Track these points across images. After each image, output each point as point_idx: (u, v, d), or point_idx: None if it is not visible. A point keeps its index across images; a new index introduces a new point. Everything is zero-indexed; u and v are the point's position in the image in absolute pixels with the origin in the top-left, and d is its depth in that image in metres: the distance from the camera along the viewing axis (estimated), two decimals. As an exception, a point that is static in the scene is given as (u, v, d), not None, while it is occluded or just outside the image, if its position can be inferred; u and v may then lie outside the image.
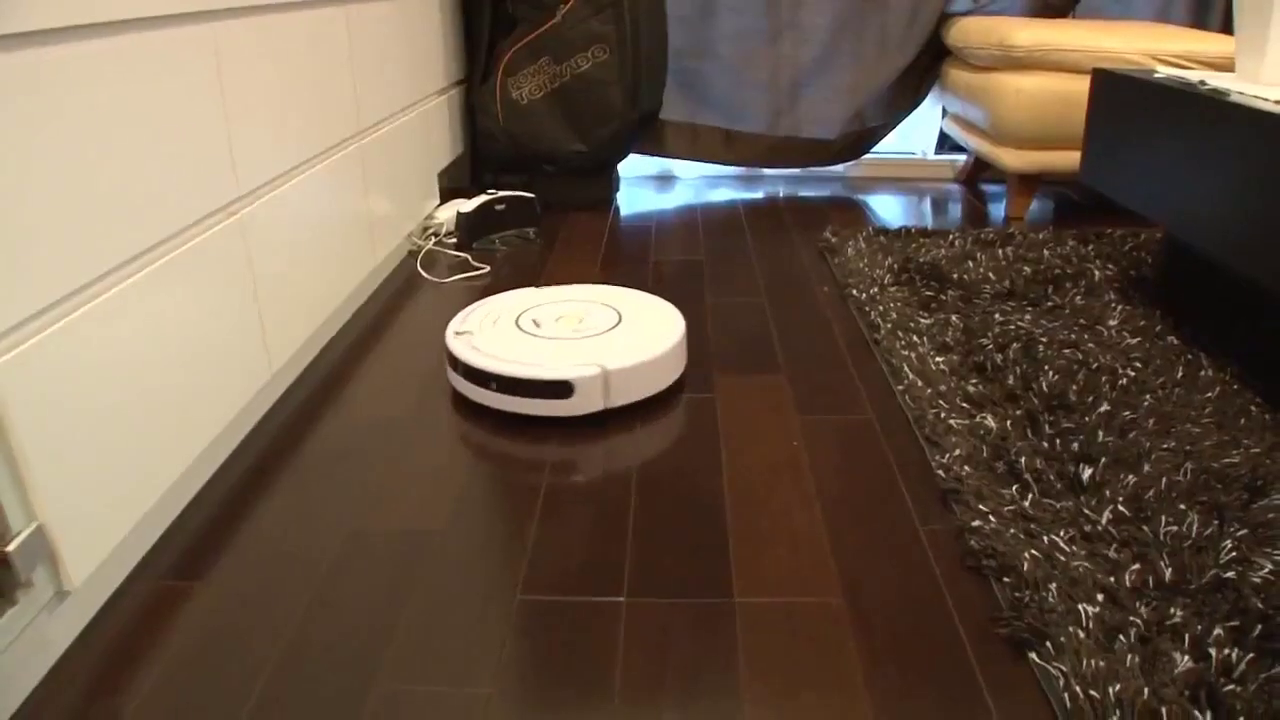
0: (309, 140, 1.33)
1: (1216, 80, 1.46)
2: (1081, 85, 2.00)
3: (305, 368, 1.38)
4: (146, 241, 0.92)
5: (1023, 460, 1.07)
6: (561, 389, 1.19)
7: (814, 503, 1.04)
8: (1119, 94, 1.57)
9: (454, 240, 1.97)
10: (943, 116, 2.57)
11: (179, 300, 0.97)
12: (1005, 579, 0.89)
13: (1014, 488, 1.03)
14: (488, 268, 1.82)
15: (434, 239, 1.97)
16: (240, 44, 1.12)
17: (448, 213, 2.01)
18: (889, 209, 2.30)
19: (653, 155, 2.54)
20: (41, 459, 0.76)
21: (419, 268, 1.82)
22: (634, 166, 2.64)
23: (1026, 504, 1.00)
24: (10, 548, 0.74)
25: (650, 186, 2.54)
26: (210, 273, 1.04)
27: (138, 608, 0.88)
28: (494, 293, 1.64)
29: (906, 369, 1.32)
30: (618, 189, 2.45)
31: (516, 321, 1.34)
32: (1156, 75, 1.55)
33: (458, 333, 1.30)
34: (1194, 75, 1.56)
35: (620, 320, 1.34)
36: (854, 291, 1.64)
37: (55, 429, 0.78)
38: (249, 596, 0.90)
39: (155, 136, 0.93)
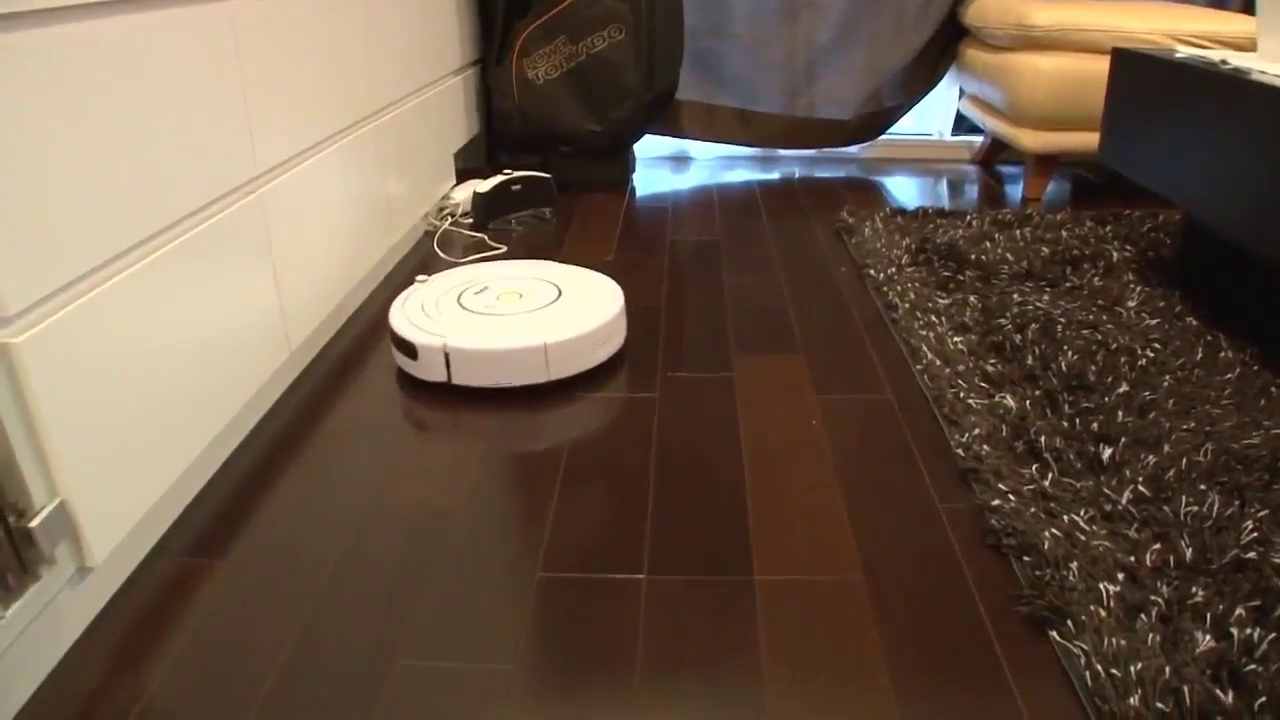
0: (326, 119, 1.33)
1: (1238, 60, 1.44)
2: (1100, 65, 1.98)
3: (323, 346, 1.38)
4: (167, 219, 0.92)
5: (1042, 439, 1.07)
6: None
7: (833, 481, 1.04)
8: (1139, 74, 1.55)
9: (470, 220, 1.96)
10: (960, 97, 2.55)
11: (199, 278, 0.97)
12: (1025, 557, 0.89)
13: (1034, 467, 1.02)
14: (504, 248, 1.81)
15: (450, 219, 1.97)
16: (256, 22, 1.11)
17: (464, 193, 2.00)
18: (905, 190, 2.28)
19: (668, 135, 2.52)
20: (64, 435, 0.76)
21: (435, 247, 1.82)
22: (650, 147, 2.63)
23: (1046, 483, 0.99)
24: (34, 523, 0.74)
25: (666, 167, 2.52)
26: (230, 250, 1.04)
27: (158, 584, 0.89)
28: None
29: (925, 349, 1.32)
30: (634, 169, 2.44)
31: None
32: (1177, 55, 1.53)
33: (418, 279, 1.33)
34: (1215, 55, 1.54)
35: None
36: (871, 271, 1.63)
37: (77, 405, 0.78)
38: (269, 573, 0.90)
39: (175, 114, 0.93)
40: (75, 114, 0.78)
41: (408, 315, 1.28)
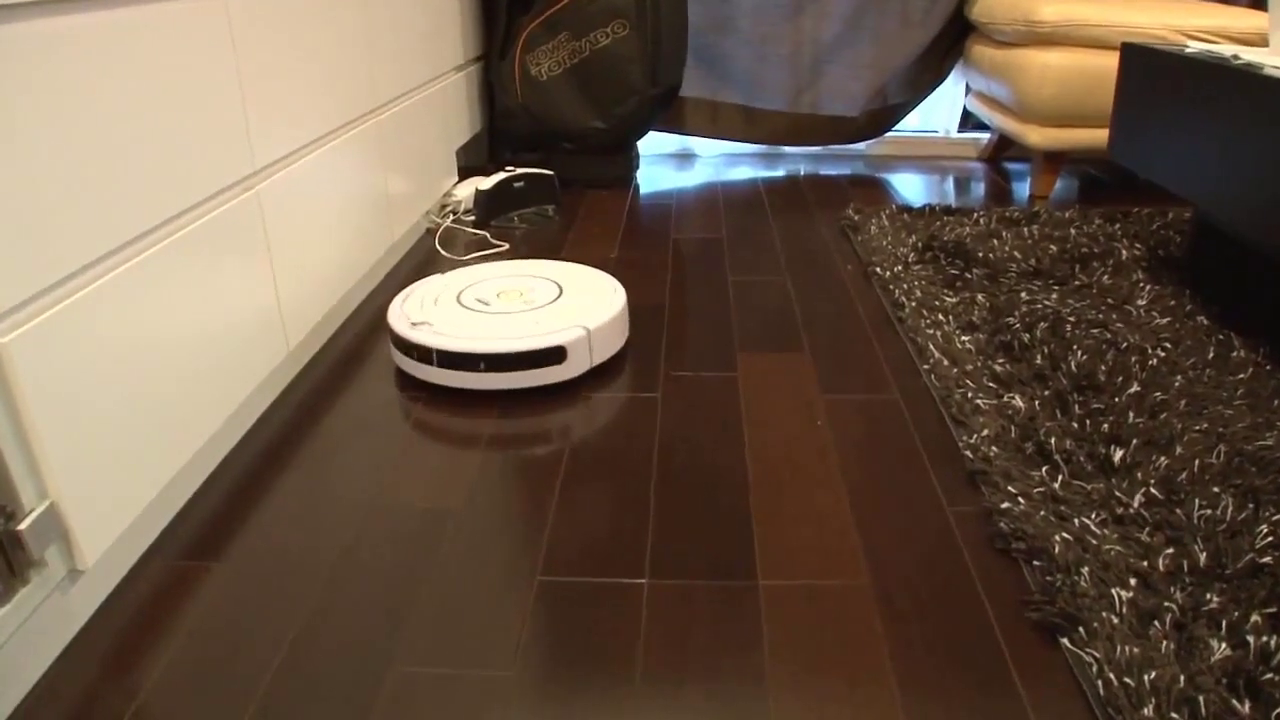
0: (326, 115, 1.31)
1: (1249, 55, 1.42)
2: (1108, 61, 1.95)
3: (322, 345, 1.36)
4: (161, 215, 0.90)
5: (1052, 441, 1.05)
6: (555, 355, 1.19)
7: (839, 483, 1.02)
8: (1149, 69, 1.53)
9: (472, 218, 1.94)
10: (966, 94, 2.53)
11: (194, 275, 0.96)
12: (1035, 562, 0.87)
13: (1043, 469, 1.00)
14: (506, 245, 1.80)
15: (452, 216, 1.96)
16: (253, 13, 1.09)
17: (466, 190, 1.99)
18: (911, 187, 2.26)
19: (672, 132, 2.50)
20: (54, 436, 0.74)
21: (437, 245, 1.80)
22: (653, 144, 2.61)
23: (1056, 485, 0.97)
24: (23, 526, 0.73)
25: (670, 164, 2.51)
26: (226, 248, 1.02)
27: (152, 588, 0.87)
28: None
29: (932, 348, 1.30)
30: (637, 167, 2.42)
31: (459, 301, 1.32)
32: (1187, 50, 1.51)
33: (415, 323, 1.24)
34: (1225, 50, 1.52)
35: (561, 291, 1.34)
36: (877, 269, 1.62)
37: (68, 406, 0.76)
38: (265, 576, 0.88)
39: (170, 108, 0.91)
40: (66, 108, 0.76)
41: (515, 324, 1.24)
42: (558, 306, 1.28)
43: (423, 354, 1.21)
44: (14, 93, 0.70)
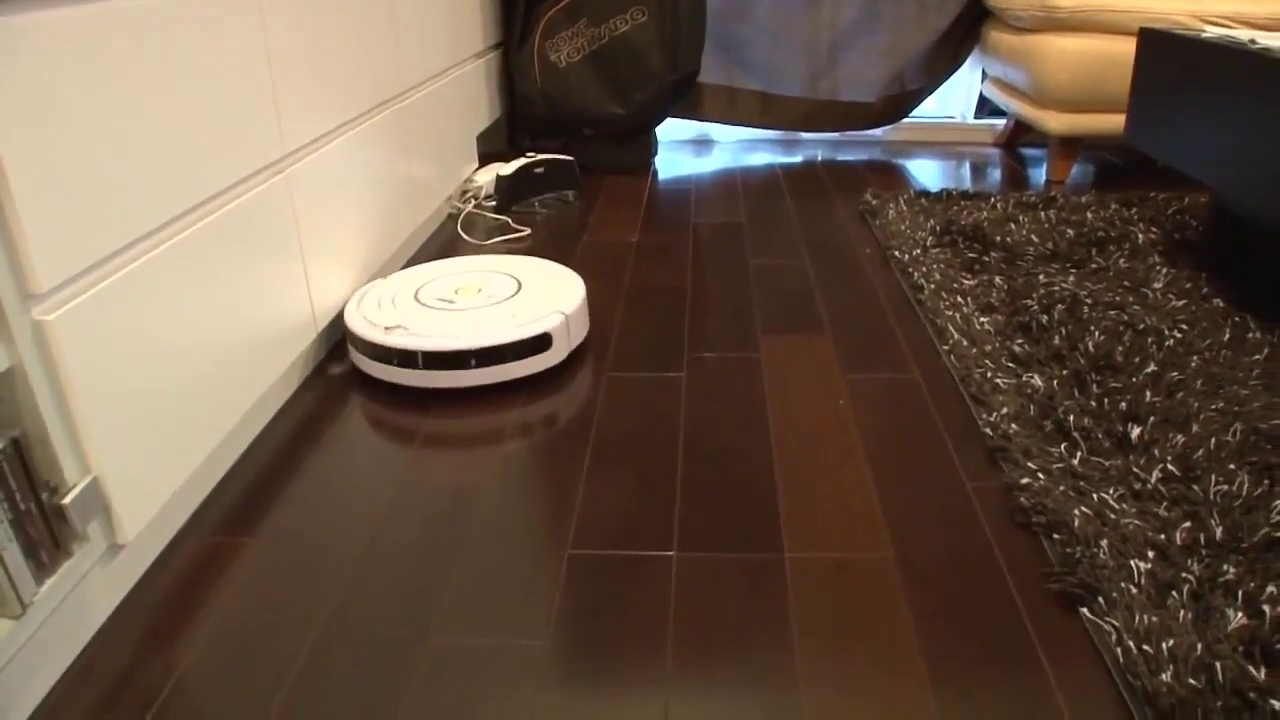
0: (352, 100, 1.33)
1: (1267, 40, 1.42)
2: (1125, 46, 1.95)
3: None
4: (197, 197, 0.92)
5: (1070, 419, 1.06)
6: (541, 343, 1.21)
7: (861, 459, 1.03)
8: (1167, 54, 1.53)
9: (493, 203, 1.96)
10: (983, 80, 2.52)
11: (229, 256, 0.98)
12: (1055, 535, 0.88)
13: (1062, 446, 1.02)
14: (528, 230, 1.81)
15: (473, 202, 1.97)
16: (284, 3, 1.11)
17: (486, 176, 2.00)
18: (928, 173, 2.27)
19: (690, 119, 2.51)
20: (96, 413, 0.76)
21: (459, 230, 1.82)
22: (671, 130, 2.61)
23: (1075, 462, 0.99)
24: (67, 500, 0.74)
25: (688, 150, 2.51)
26: (258, 229, 1.04)
27: (190, 563, 0.89)
28: (532, 255, 1.64)
29: (951, 329, 1.31)
30: (656, 152, 2.43)
31: (420, 301, 1.29)
32: (1205, 34, 1.51)
33: (389, 328, 1.19)
34: (1243, 35, 1.52)
35: (520, 285, 1.33)
36: (896, 253, 1.62)
37: (109, 382, 0.78)
38: (299, 551, 0.90)
39: (204, 92, 0.93)
40: (104, 93, 0.78)
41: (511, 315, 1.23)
42: (524, 298, 1.28)
43: (405, 358, 1.17)
44: (54, 78, 0.72)
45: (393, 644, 0.78)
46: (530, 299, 1.27)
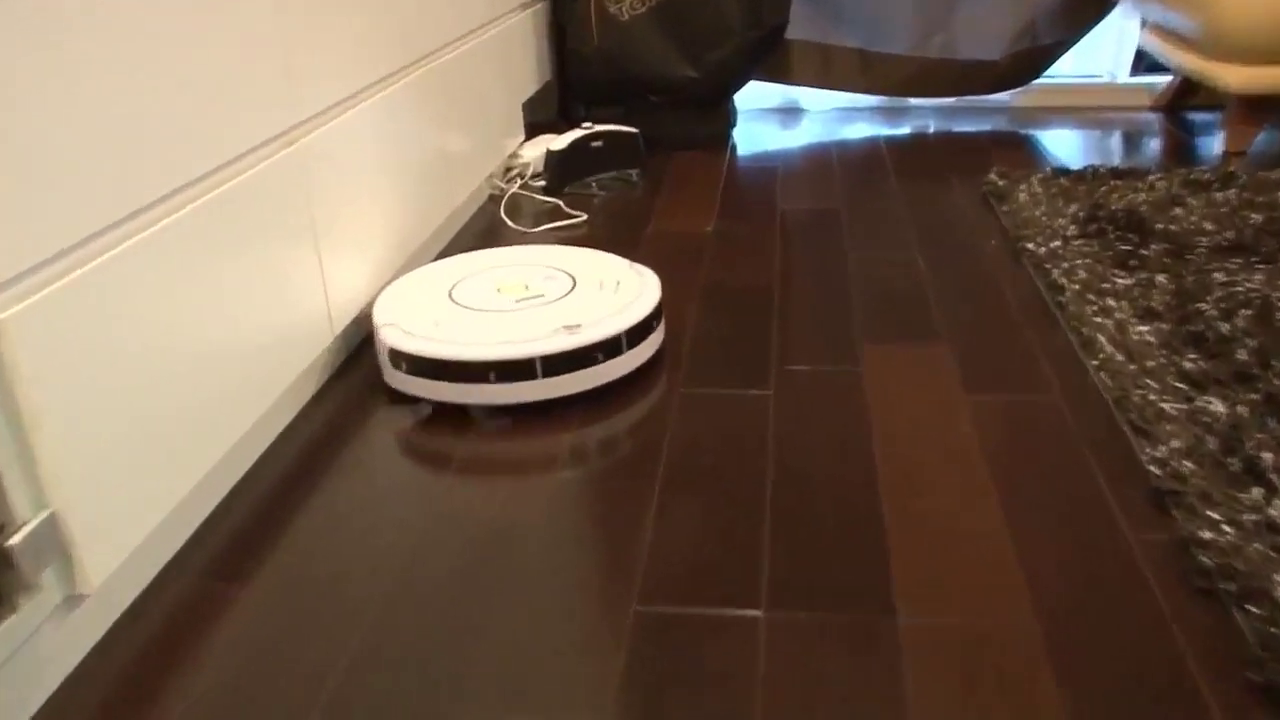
0: (375, 59, 1.33)
1: None
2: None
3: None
4: (190, 174, 0.91)
5: (1264, 456, 1.00)
6: (603, 351, 1.19)
7: (992, 502, 0.99)
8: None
9: (542, 183, 1.96)
10: (1141, 28, 2.46)
11: (227, 244, 0.97)
12: (1251, 608, 0.82)
13: (1254, 490, 0.96)
14: (584, 215, 1.81)
15: (519, 181, 1.97)
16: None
17: (534, 151, 2.01)
18: (1067, 146, 2.23)
19: (775, 83, 2.49)
20: (57, 433, 0.74)
21: (502, 214, 1.82)
22: (752, 97, 2.59)
23: (1273, 511, 0.92)
24: (14, 541, 0.71)
25: (773, 121, 2.50)
26: (263, 212, 1.03)
27: (167, 615, 0.88)
28: (591, 245, 1.63)
29: (1102, 340, 1.26)
30: (734, 123, 2.41)
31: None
32: None
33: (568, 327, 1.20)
34: None
35: (575, 282, 1.31)
36: (1029, 245, 1.59)
37: (75, 397, 0.76)
38: (303, 603, 0.89)
39: (198, 47, 0.92)
40: (75, 46, 0.76)
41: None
42: (579, 297, 1.26)
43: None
44: (15, 27, 0.71)
45: (414, 718, 0.76)
46: (587, 299, 1.26)
